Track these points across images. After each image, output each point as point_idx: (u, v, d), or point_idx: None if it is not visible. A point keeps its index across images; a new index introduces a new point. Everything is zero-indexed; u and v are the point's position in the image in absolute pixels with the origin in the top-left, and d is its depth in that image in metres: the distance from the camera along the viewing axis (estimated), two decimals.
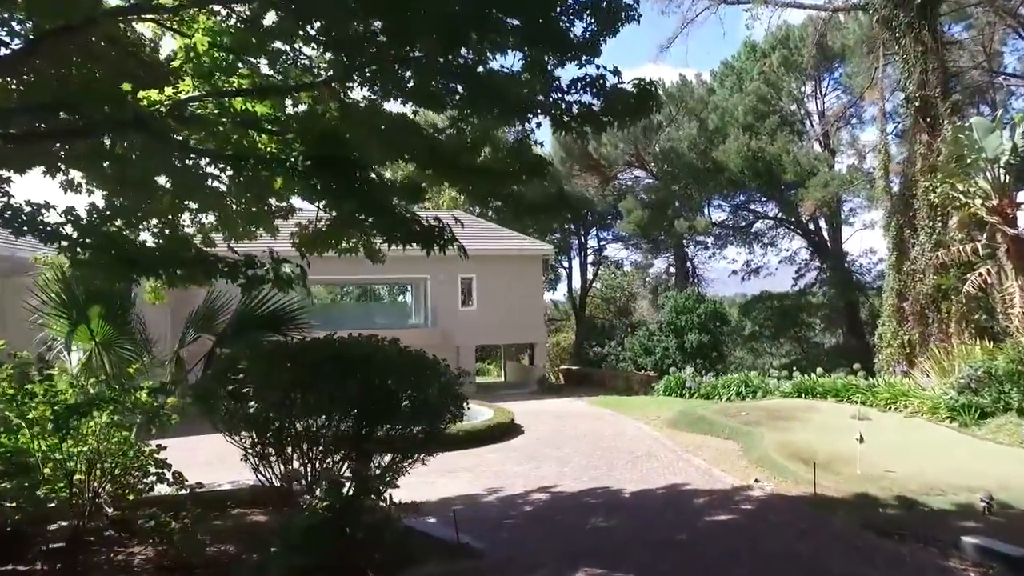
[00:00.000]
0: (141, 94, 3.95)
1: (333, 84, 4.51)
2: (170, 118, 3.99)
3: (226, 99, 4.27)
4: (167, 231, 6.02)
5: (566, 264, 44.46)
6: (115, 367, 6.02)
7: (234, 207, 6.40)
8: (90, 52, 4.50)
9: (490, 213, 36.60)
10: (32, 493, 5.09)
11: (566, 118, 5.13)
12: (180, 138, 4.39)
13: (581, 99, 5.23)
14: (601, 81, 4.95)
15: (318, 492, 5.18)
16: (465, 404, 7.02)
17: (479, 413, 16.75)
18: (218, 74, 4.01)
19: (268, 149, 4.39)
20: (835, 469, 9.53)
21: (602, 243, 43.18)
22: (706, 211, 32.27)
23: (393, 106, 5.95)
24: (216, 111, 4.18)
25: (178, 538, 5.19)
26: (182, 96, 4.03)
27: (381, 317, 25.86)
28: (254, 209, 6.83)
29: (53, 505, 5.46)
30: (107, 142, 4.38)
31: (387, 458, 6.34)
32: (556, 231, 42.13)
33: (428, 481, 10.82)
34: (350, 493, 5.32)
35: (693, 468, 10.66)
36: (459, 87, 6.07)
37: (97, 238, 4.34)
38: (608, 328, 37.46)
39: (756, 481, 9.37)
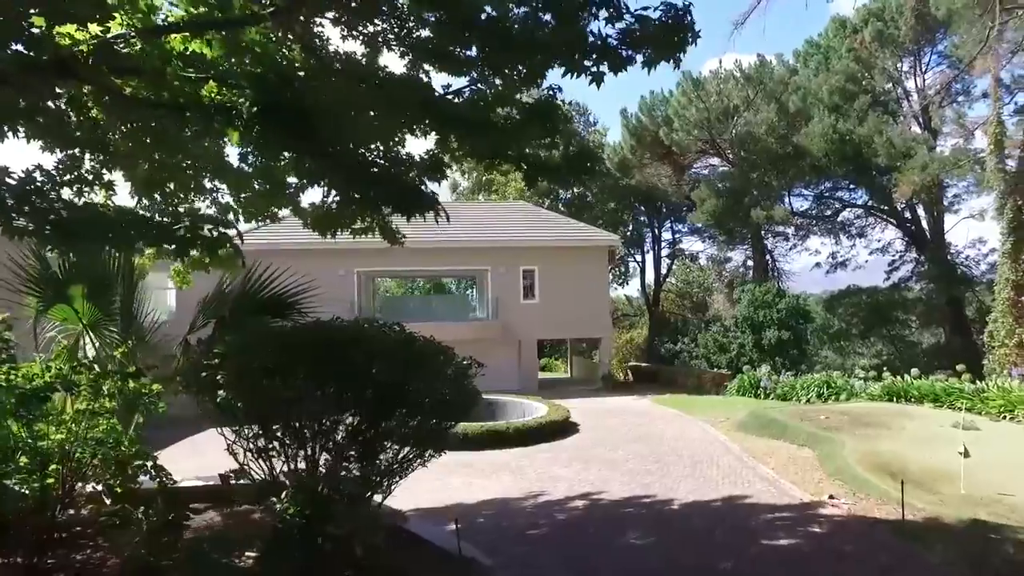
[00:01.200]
0: (60, 30, 3.35)
1: (293, 16, 3.74)
2: (98, 60, 3.38)
3: (162, 37, 3.60)
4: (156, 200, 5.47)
5: (639, 258, 42.81)
6: (101, 350, 5.58)
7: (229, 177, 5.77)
8: None
9: (546, 201, 35.60)
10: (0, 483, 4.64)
11: (576, 56, 4.12)
12: (126, 89, 3.78)
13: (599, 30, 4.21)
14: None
15: (284, 495, 4.46)
16: (478, 399, 6.10)
17: (534, 409, 15.87)
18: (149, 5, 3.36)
19: (214, 97, 3.69)
20: (931, 488, 7.96)
21: (676, 236, 41.20)
22: (786, 200, 29.73)
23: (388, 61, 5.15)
24: (151, 51, 3.51)
25: (142, 539, 4.61)
26: (110, 34, 3.41)
27: (443, 310, 25.39)
28: (258, 184, 6.19)
29: (26, 497, 4.98)
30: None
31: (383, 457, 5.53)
32: (628, 223, 40.53)
33: (467, 482, 10.09)
34: (324, 496, 4.55)
35: (758, 478, 9.30)
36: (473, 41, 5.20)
37: (38, 203, 3.75)
38: (682, 324, 35.53)
39: (831, 497, 7.95)
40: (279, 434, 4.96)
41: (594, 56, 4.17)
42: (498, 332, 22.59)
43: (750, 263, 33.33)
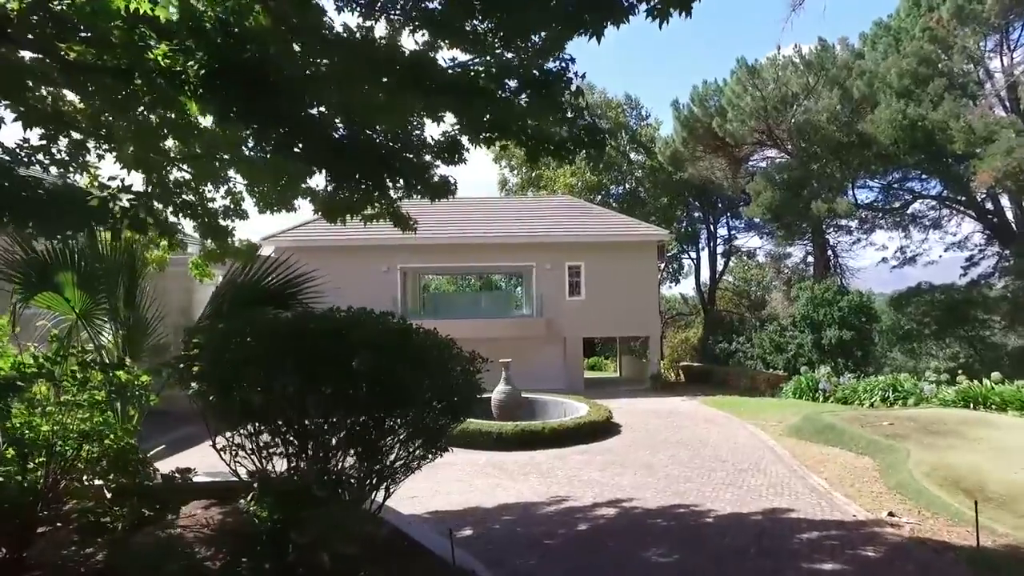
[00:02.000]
0: None
1: None
2: (33, 20, 3.05)
3: None
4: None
5: (693, 255, 41.19)
6: (92, 340, 5.36)
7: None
8: None
9: (597, 197, 34.69)
10: None
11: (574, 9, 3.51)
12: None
13: None
14: None
15: (249, 498, 4.05)
16: (478, 392, 5.56)
17: (574, 409, 15.22)
18: None
19: (162, 61, 3.31)
20: (1015, 509, 6.89)
21: (732, 232, 39.39)
22: (850, 191, 27.70)
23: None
24: (91, 8, 3.15)
25: (106, 539, 4.31)
26: None
27: (488, 307, 24.97)
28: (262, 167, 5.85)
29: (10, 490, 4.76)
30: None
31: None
32: (682, 220, 39.07)
33: (493, 484, 9.58)
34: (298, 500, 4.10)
35: (807, 489, 8.36)
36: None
37: None
38: (737, 323, 33.87)
39: (890, 515, 6.99)
40: (256, 430, 4.56)
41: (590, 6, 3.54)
42: (543, 329, 22.00)
43: (810, 259, 31.37)
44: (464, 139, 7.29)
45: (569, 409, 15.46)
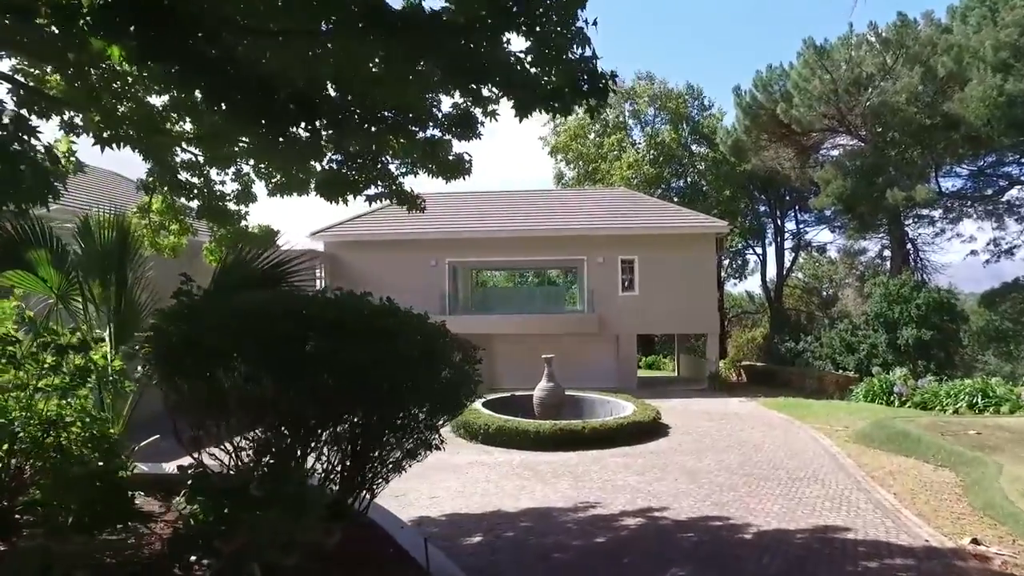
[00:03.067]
0: None
1: None
2: None
3: None
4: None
5: (759, 251, 38.94)
6: (69, 323, 5.05)
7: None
8: None
9: (656, 191, 33.28)
10: None
11: None
12: None
13: None
14: None
15: (181, 495, 3.53)
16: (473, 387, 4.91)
17: (621, 408, 14.30)
18: None
19: None
20: None
21: (801, 226, 36.96)
22: (932, 178, 25.10)
23: None
24: None
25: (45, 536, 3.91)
26: None
27: (539, 302, 24.22)
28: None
29: None
30: None
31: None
32: (747, 213, 37.02)
33: (520, 486, 8.89)
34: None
35: (872, 505, 7.21)
36: None
37: None
38: (805, 322, 31.70)
39: (974, 542, 5.81)
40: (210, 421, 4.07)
41: None
42: (594, 326, 21.07)
43: (887, 253, 28.84)
44: (478, 111, 6.66)
45: (616, 408, 14.55)
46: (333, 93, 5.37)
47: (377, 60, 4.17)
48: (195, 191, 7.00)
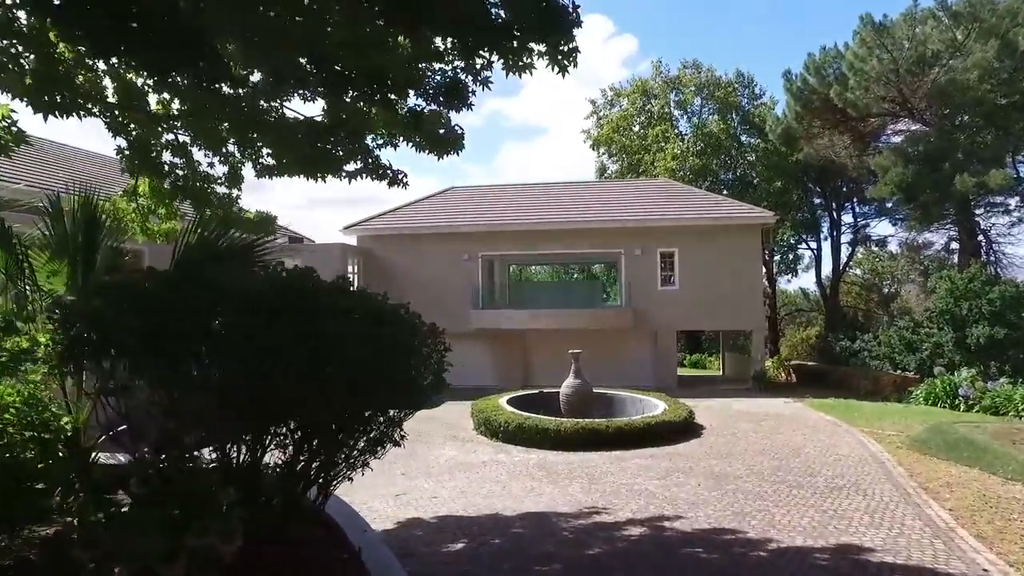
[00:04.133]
0: None
1: None
2: None
3: None
4: None
5: (814, 245, 36.75)
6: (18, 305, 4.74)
7: None
8: None
9: (703, 183, 31.89)
10: None
11: None
12: None
13: None
14: None
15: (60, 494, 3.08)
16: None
17: (652, 407, 13.44)
18: None
19: None
20: None
21: (859, 219, 34.61)
22: (1008, 162, 22.80)
23: None
24: None
25: None
26: None
27: (575, 297, 23.37)
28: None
29: None
30: None
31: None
32: (801, 207, 34.98)
33: (528, 487, 8.24)
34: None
35: (921, 522, 6.22)
36: None
37: None
38: (863, 319, 29.65)
39: None
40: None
41: None
42: (629, 320, 20.14)
43: (954, 246, 26.53)
44: (468, 79, 6.07)
45: (647, 407, 13.68)
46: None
47: None
48: (176, 173, 6.68)
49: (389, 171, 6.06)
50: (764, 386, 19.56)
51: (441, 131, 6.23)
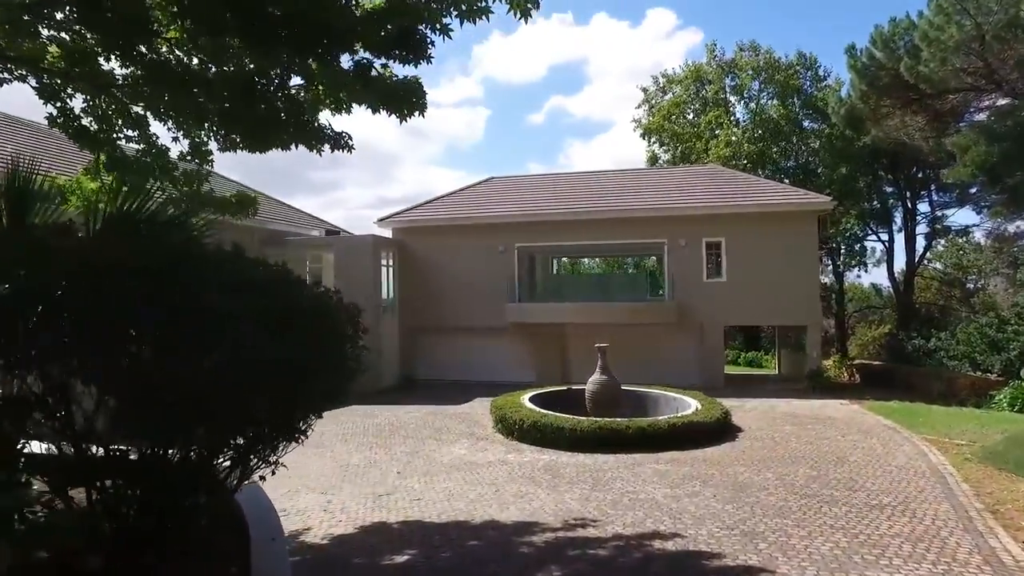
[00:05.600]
0: None
1: None
2: None
3: None
4: None
5: (885, 236, 33.72)
6: None
7: None
8: None
9: (762, 172, 29.85)
10: None
11: None
12: None
13: None
14: None
15: None
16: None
17: (687, 406, 12.24)
18: None
19: None
20: None
21: (937, 208, 31.42)
22: None
23: None
24: None
25: None
26: None
27: (616, 289, 22.10)
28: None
29: None
30: None
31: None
32: (871, 195, 32.14)
33: (522, 492, 7.38)
34: None
35: (979, 558, 4.94)
36: None
37: None
38: (939, 316, 26.85)
39: None
40: None
41: None
42: (672, 314, 18.80)
43: None
44: (424, 27, 5.32)
45: (682, 407, 12.49)
46: None
47: None
48: (118, 144, 6.19)
49: (326, 133, 5.33)
50: (820, 386, 17.75)
51: (396, 86, 5.48)
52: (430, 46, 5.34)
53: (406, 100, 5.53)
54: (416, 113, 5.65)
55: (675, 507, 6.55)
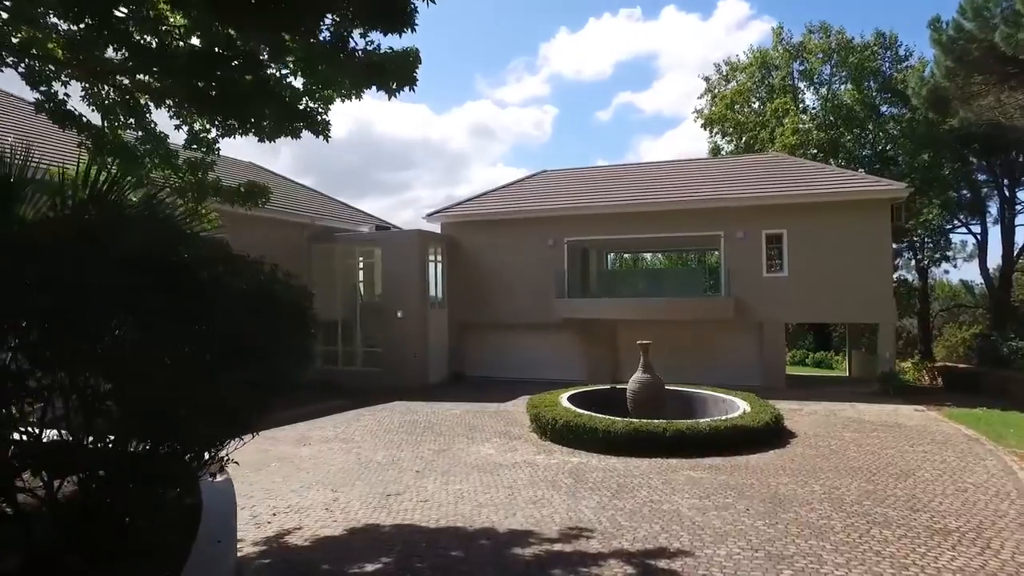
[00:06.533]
0: None
1: None
2: None
3: None
4: None
5: (978, 229, 30.54)
6: None
7: None
8: None
9: (832, 162, 27.73)
10: None
11: None
12: None
13: None
14: None
15: None
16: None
17: (736, 408, 11.26)
18: None
19: None
20: None
21: None
22: None
23: None
24: None
25: None
26: None
27: (669, 285, 20.91)
28: None
29: None
30: None
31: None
32: (960, 184, 29.18)
33: (536, 497, 6.85)
34: None
35: None
36: None
37: None
38: None
39: None
40: None
41: None
42: (728, 310, 17.59)
43: None
44: None
45: (732, 409, 11.52)
46: None
47: None
48: (105, 131, 6.06)
49: (301, 111, 4.96)
50: (894, 389, 16.07)
51: (381, 58, 5.05)
52: (416, 13, 4.89)
53: (394, 74, 5.09)
54: (407, 87, 5.22)
55: (698, 520, 5.81)
